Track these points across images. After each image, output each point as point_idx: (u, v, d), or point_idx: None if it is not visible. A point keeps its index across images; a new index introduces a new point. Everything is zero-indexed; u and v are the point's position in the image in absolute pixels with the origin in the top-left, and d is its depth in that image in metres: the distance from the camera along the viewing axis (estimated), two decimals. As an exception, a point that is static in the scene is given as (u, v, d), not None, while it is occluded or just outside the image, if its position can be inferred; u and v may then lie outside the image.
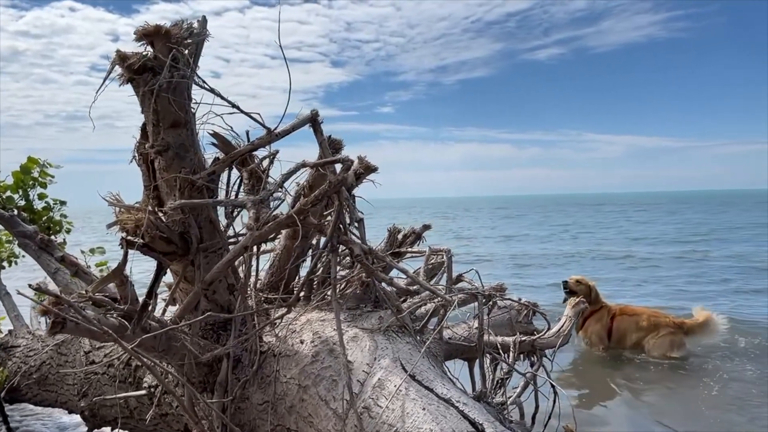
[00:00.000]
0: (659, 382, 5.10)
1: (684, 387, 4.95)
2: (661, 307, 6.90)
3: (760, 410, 4.36)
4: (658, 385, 5.03)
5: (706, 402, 4.59)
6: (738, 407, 4.46)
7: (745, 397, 4.67)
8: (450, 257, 2.53)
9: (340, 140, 2.31)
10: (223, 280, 2.30)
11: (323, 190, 1.94)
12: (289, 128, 2.00)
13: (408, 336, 2.31)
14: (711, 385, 4.95)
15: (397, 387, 1.99)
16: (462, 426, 1.89)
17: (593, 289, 6.16)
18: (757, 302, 8.27)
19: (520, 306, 3.16)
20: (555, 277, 10.35)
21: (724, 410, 4.40)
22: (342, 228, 2.05)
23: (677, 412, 4.40)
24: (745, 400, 4.62)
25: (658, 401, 4.64)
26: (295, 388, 2.14)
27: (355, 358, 2.13)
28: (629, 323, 5.99)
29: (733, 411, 4.39)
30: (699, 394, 4.75)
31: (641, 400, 4.67)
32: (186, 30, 1.98)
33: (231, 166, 2.20)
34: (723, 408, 4.45)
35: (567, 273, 9.24)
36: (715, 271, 11.29)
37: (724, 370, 5.32)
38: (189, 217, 2.10)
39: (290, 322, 2.38)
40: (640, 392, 4.86)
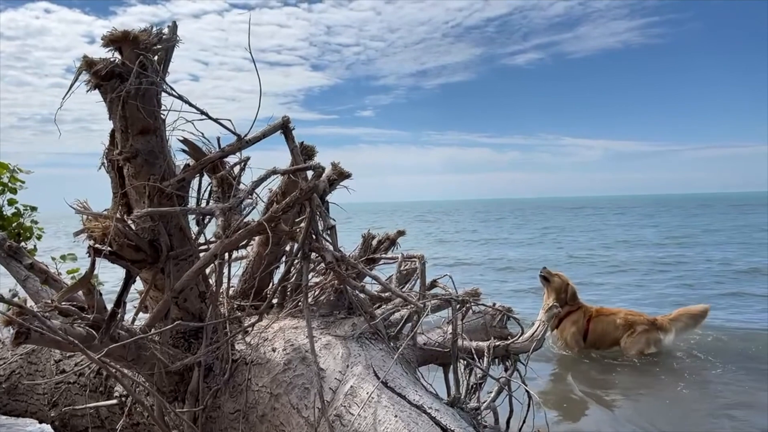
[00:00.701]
0: (632, 385, 5.15)
1: (657, 389, 5.01)
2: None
3: (736, 413, 4.43)
4: (632, 388, 5.08)
5: (680, 404, 4.66)
6: (710, 409, 4.53)
7: (716, 398, 4.76)
8: (423, 263, 2.54)
9: (313, 147, 2.31)
10: (195, 288, 2.28)
11: (294, 197, 1.93)
12: (259, 135, 1.99)
13: (381, 342, 2.31)
14: (683, 386, 5.03)
15: (369, 394, 1.98)
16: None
17: (570, 287, 6.18)
18: (736, 305, 8.38)
19: (495, 311, 3.17)
20: (537, 282, 10.47)
21: (696, 411, 4.47)
22: (314, 235, 2.04)
23: (652, 413, 4.45)
24: (716, 400, 4.70)
25: (631, 404, 4.68)
26: (267, 396, 2.13)
27: (328, 366, 2.12)
28: (606, 324, 6.06)
29: (705, 412, 4.46)
30: (674, 396, 4.81)
31: (614, 403, 4.71)
32: (155, 36, 1.96)
33: (201, 172, 2.18)
34: (697, 409, 4.52)
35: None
36: (694, 275, 11.39)
37: (696, 372, 5.41)
38: (158, 225, 2.07)
39: (263, 329, 2.36)
40: (612, 395, 4.90)
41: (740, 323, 7.21)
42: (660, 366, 5.62)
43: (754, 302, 8.57)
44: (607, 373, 5.51)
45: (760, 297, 8.91)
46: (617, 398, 4.83)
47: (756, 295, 9.07)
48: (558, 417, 4.45)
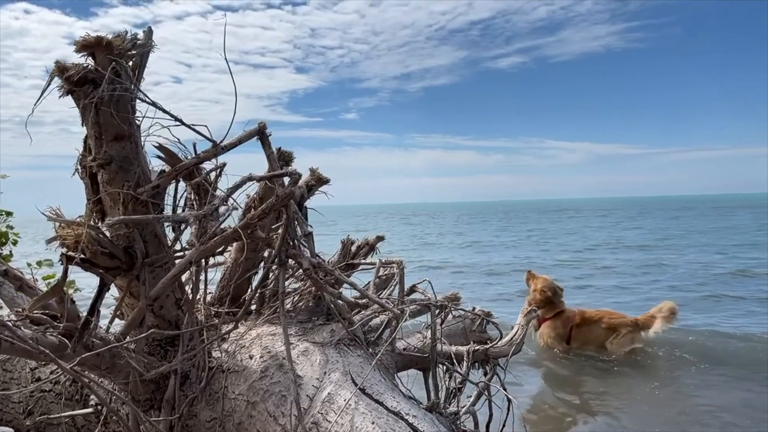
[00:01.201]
0: (609, 388, 5.22)
1: (635, 392, 5.07)
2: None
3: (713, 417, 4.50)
4: (609, 392, 5.14)
5: (656, 406, 4.71)
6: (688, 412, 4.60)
7: (690, 398, 4.83)
8: (402, 269, 2.54)
9: (290, 152, 2.30)
10: (171, 295, 2.25)
11: (270, 204, 1.92)
12: (235, 141, 1.98)
13: (359, 349, 2.31)
14: (658, 388, 5.10)
15: (346, 401, 1.98)
16: (411, 439, 1.90)
17: (555, 289, 6.37)
18: (718, 308, 8.48)
19: (474, 315, 3.18)
20: (522, 285, 10.58)
21: (670, 411, 4.53)
22: (291, 242, 2.03)
23: (629, 415, 4.50)
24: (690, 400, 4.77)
25: (608, 407, 4.73)
26: (243, 404, 2.11)
27: (305, 373, 2.12)
28: (590, 327, 6.26)
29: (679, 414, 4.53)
30: (651, 399, 4.87)
31: (593, 407, 4.76)
32: (129, 41, 1.94)
33: (177, 179, 2.16)
34: (671, 410, 4.58)
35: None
36: (679, 278, 11.50)
37: (673, 374, 5.48)
38: (133, 232, 2.05)
39: (240, 336, 2.35)
40: (590, 398, 4.96)
41: (723, 326, 7.30)
42: (638, 369, 5.71)
43: (733, 305, 8.68)
44: (585, 377, 5.58)
45: (741, 299, 9.03)
46: (595, 401, 4.89)
47: (739, 297, 9.18)
48: (537, 420, 4.48)
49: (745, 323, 7.40)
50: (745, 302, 8.80)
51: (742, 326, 7.20)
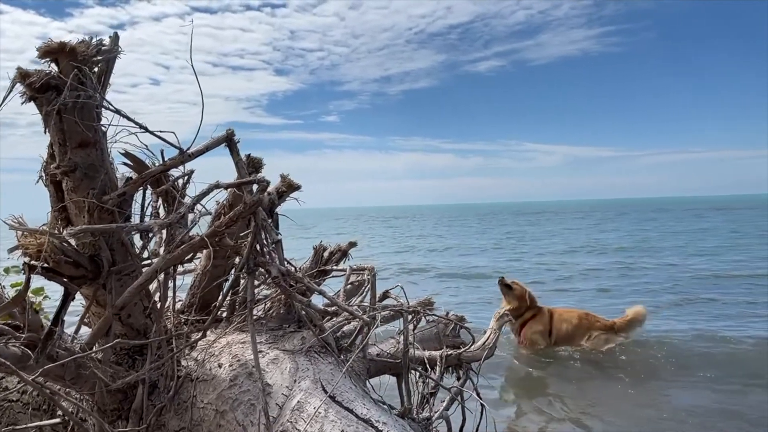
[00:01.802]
0: (583, 391, 5.28)
1: (605, 396, 5.12)
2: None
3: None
4: (582, 393, 5.20)
5: (631, 409, 4.78)
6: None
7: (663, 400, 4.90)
8: (374, 275, 2.54)
9: (260, 159, 2.29)
10: (139, 303, 2.23)
11: (237, 211, 1.91)
12: (203, 148, 1.96)
13: (331, 356, 2.30)
14: (631, 389, 5.17)
15: (316, 409, 1.97)
16: (380, 446, 1.90)
17: (529, 293, 6.53)
18: (689, 312, 8.59)
19: (448, 320, 3.19)
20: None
21: (641, 412, 4.60)
22: (259, 249, 2.02)
23: (603, 419, 4.55)
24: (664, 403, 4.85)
25: (581, 410, 4.78)
26: (212, 413, 2.09)
27: (275, 381, 2.10)
28: (566, 328, 6.43)
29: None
30: (625, 402, 4.93)
31: (566, 410, 4.80)
32: (94, 47, 1.91)
33: (145, 186, 2.14)
34: (642, 410, 4.65)
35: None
36: (656, 280, 11.60)
37: (649, 377, 5.56)
38: (99, 240, 2.02)
39: (210, 344, 2.33)
40: (565, 401, 5.00)
41: (699, 329, 7.38)
42: (612, 371, 5.78)
43: (709, 307, 8.78)
44: (557, 380, 5.63)
45: (716, 302, 9.15)
46: (567, 405, 4.92)
47: (714, 300, 9.30)
48: (512, 424, 4.51)
49: (722, 326, 7.49)
50: (720, 305, 8.91)
51: (720, 329, 7.30)
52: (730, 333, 6.99)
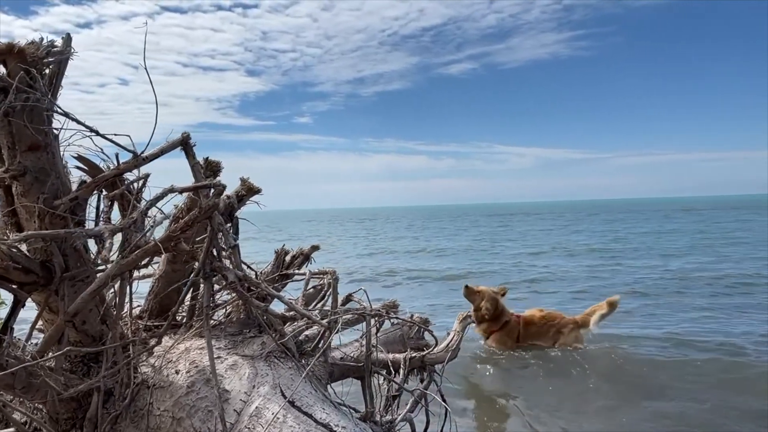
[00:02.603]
0: (547, 392, 5.35)
1: (566, 397, 5.19)
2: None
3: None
4: (546, 394, 5.27)
5: (591, 410, 4.86)
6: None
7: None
8: (335, 279, 2.53)
9: (218, 162, 2.26)
10: (94, 309, 2.18)
11: (193, 216, 1.88)
12: (157, 152, 1.94)
13: (291, 361, 2.28)
14: (596, 393, 5.25)
15: (274, 415, 1.96)
16: (338, 450, 1.89)
17: (498, 302, 6.56)
18: (655, 314, 8.72)
19: (412, 322, 3.20)
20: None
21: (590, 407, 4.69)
22: (216, 254, 2.00)
23: (563, 417, 4.62)
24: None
25: (544, 410, 4.84)
26: (169, 420, 2.06)
27: (233, 387, 2.08)
28: (537, 329, 6.54)
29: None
30: (585, 404, 5.00)
31: (527, 410, 4.85)
32: (44, 49, 1.87)
33: (100, 190, 2.10)
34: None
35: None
36: (622, 284, 11.73)
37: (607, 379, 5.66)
38: (51, 245, 1.97)
39: (168, 350, 2.29)
40: (525, 402, 5.05)
41: (668, 330, 7.53)
42: (578, 372, 5.86)
43: (675, 309, 8.95)
44: (520, 380, 5.70)
45: (684, 303, 9.32)
46: (530, 404, 4.98)
47: (681, 301, 9.47)
48: (475, 425, 4.54)
49: (688, 328, 7.64)
50: (687, 306, 9.06)
51: (686, 331, 7.45)
52: (696, 335, 7.13)
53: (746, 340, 6.70)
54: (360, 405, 2.60)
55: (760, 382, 5.25)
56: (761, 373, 5.51)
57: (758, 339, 6.76)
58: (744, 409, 4.69)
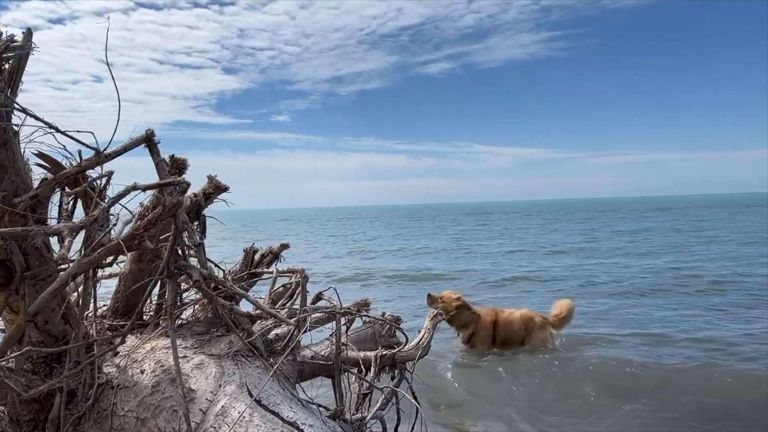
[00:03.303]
0: (518, 391, 5.40)
1: (540, 395, 5.23)
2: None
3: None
4: (517, 393, 5.32)
5: (559, 408, 4.92)
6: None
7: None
8: (304, 277, 2.53)
9: (185, 160, 2.23)
10: (57, 309, 2.14)
11: (156, 214, 1.86)
12: (120, 149, 1.91)
13: (258, 360, 2.27)
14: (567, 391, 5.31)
15: (240, 414, 1.95)
16: (305, 448, 1.89)
17: (463, 306, 6.57)
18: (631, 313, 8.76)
19: (384, 321, 3.20)
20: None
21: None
22: (181, 252, 1.98)
23: (529, 414, 4.65)
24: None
25: (514, 408, 4.87)
26: (133, 421, 2.03)
27: (199, 386, 2.07)
28: (508, 329, 6.58)
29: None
30: (555, 404, 5.06)
31: (499, 409, 4.87)
32: (3, 44, 1.84)
33: (63, 188, 2.06)
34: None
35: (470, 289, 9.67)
36: (598, 282, 11.79)
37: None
38: (11, 244, 1.94)
39: (133, 350, 2.26)
40: (497, 401, 5.08)
41: (646, 329, 7.59)
42: (548, 371, 5.92)
43: (648, 308, 9.03)
44: (492, 379, 5.74)
45: (654, 302, 9.44)
46: (501, 402, 5.01)
47: (652, 301, 9.56)
48: (445, 422, 4.56)
49: (664, 326, 7.73)
50: (661, 306, 9.13)
51: (663, 329, 7.54)
52: (671, 335, 7.19)
53: (724, 342, 6.68)
54: (332, 404, 2.60)
55: (736, 383, 5.26)
56: (736, 371, 5.53)
57: (734, 339, 6.76)
58: (719, 410, 4.70)
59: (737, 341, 6.68)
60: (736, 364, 5.84)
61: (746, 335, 6.96)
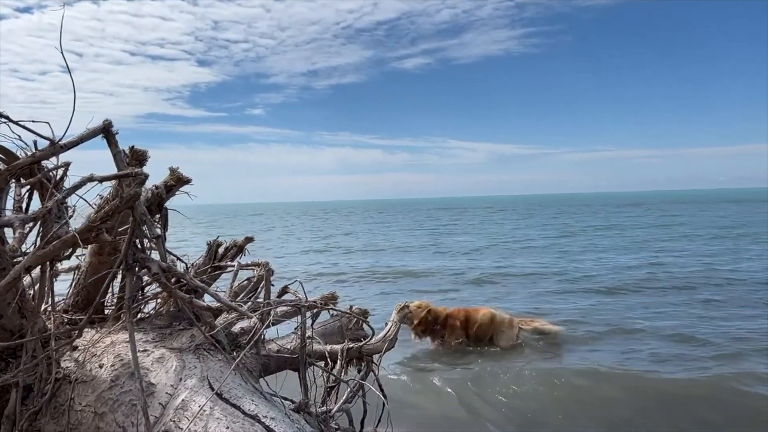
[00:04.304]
0: (483, 379, 5.44)
1: (497, 389, 5.24)
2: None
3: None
4: (483, 381, 5.35)
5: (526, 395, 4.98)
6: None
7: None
8: (268, 270, 2.52)
9: (145, 151, 2.20)
10: (12, 302, 2.09)
11: (113, 206, 1.83)
12: (76, 140, 1.87)
13: (221, 353, 2.26)
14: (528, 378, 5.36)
15: (201, 407, 1.93)
16: (265, 441, 1.89)
17: (426, 313, 6.55)
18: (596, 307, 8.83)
19: (351, 314, 3.21)
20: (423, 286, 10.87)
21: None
22: (140, 245, 1.95)
23: (494, 410, 4.69)
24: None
25: (480, 396, 4.92)
26: (90, 415, 2.00)
27: (159, 380, 2.04)
28: (479, 331, 6.60)
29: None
30: (519, 391, 5.11)
31: (463, 401, 4.90)
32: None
33: (18, 179, 2.02)
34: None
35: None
36: (572, 279, 11.73)
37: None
38: (-38, 236, 1.89)
39: (93, 344, 2.23)
40: (461, 394, 5.09)
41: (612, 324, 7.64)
42: (514, 361, 5.99)
43: (617, 303, 9.10)
44: (457, 372, 5.77)
45: (620, 302, 9.49)
46: (467, 393, 5.04)
47: (620, 300, 9.56)
48: (415, 414, 4.58)
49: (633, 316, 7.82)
50: (629, 300, 9.26)
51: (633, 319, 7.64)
52: (643, 325, 7.32)
53: (712, 345, 6.53)
54: (299, 397, 2.59)
55: (701, 383, 5.22)
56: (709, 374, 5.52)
57: (702, 336, 6.78)
58: (685, 411, 4.66)
59: (717, 341, 6.59)
60: (713, 365, 5.75)
61: (723, 333, 6.94)
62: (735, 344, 6.43)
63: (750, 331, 7.00)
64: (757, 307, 8.43)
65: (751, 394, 4.86)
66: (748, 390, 4.94)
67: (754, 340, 6.61)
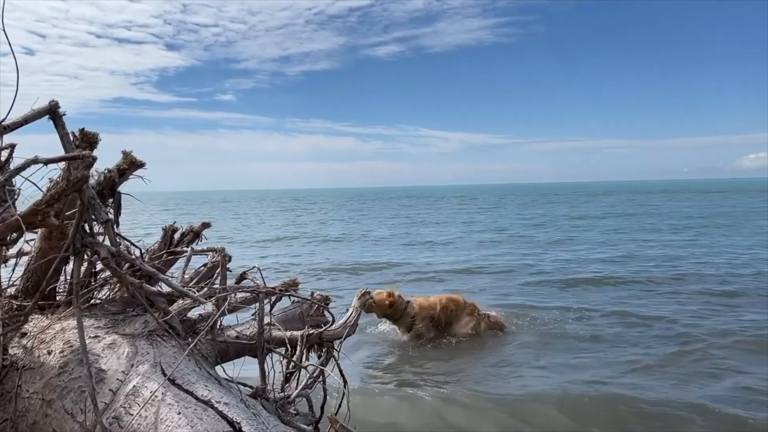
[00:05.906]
0: (448, 364, 5.49)
1: (466, 378, 5.29)
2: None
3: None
4: (447, 367, 5.41)
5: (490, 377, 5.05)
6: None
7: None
8: (224, 256, 2.50)
9: (96, 134, 2.14)
10: (-43, 289, 2.05)
11: (60, 189, 1.79)
12: (21, 120, 1.82)
13: (175, 339, 2.23)
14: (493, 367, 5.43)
15: (152, 393, 1.92)
16: (219, 426, 1.88)
17: (395, 300, 6.50)
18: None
19: (313, 300, 3.20)
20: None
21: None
22: (88, 229, 1.91)
23: (457, 405, 4.73)
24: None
25: (438, 387, 4.95)
26: (38, 402, 1.97)
27: (110, 366, 2.02)
28: (444, 317, 6.60)
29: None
30: (485, 377, 5.17)
31: (425, 390, 4.92)
32: None
33: (-40, 160, 1.95)
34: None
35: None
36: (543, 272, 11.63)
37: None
38: None
39: (42, 331, 2.19)
40: (425, 381, 5.12)
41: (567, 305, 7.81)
42: (473, 354, 6.05)
43: (585, 291, 9.22)
44: (427, 360, 5.81)
45: (597, 285, 9.66)
46: (428, 383, 5.07)
47: (596, 285, 9.68)
48: (371, 402, 4.59)
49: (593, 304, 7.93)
50: (597, 290, 9.27)
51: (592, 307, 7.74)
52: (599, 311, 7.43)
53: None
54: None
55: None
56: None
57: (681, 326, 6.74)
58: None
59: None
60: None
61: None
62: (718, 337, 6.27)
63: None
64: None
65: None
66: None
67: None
